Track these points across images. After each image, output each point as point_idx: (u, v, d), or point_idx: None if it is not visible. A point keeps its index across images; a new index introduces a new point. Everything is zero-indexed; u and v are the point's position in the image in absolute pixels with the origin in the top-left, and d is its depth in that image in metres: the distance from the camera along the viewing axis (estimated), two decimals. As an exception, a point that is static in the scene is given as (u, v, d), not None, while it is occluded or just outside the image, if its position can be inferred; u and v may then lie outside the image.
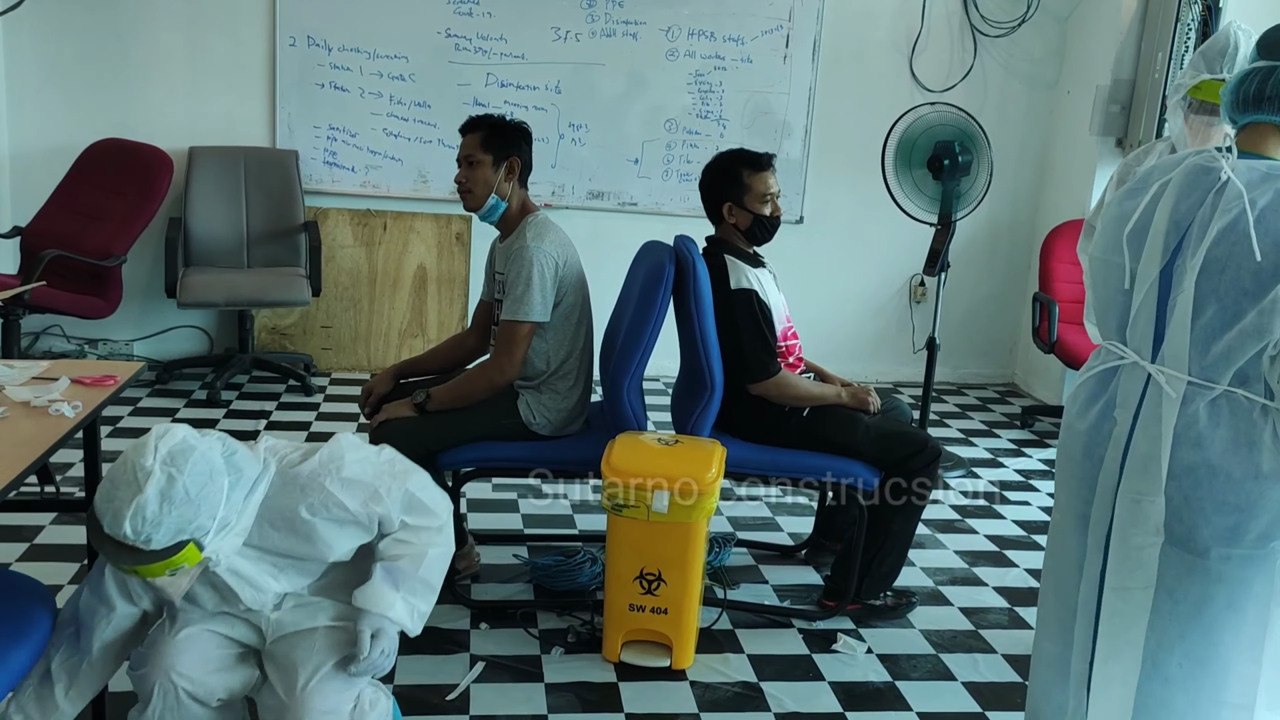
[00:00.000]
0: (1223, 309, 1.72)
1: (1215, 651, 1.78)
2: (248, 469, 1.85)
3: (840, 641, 2.94)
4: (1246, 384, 1.73)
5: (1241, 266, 1.69)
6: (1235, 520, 1.74)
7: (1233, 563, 1.76)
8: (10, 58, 4.90)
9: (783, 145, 5.41)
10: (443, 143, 5.19)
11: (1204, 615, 1.78)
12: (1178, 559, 1.80)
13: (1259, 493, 1.73)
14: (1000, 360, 5.92)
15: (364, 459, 2.01)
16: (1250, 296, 1.69)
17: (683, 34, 5.28)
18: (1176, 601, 1.80)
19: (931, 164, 3.96)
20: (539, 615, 2.99)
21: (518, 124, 3.04)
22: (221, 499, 1.76)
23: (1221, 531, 1.75)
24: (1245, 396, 1.74)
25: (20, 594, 1.96)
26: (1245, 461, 1.74)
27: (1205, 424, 1.76)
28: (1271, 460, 1.73)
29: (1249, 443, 1.74)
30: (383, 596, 1.97)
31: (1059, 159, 5.59)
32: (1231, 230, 1.71)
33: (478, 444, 2.93)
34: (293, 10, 5.04)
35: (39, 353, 4.92)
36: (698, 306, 2.89)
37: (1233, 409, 1.75)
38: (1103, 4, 5.20)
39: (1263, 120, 1.79)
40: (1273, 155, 1.79)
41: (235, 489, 1.80)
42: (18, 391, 2.17)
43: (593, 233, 4.74)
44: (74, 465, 3.74)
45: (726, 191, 3.06)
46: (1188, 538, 1.78)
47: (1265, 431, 1.74)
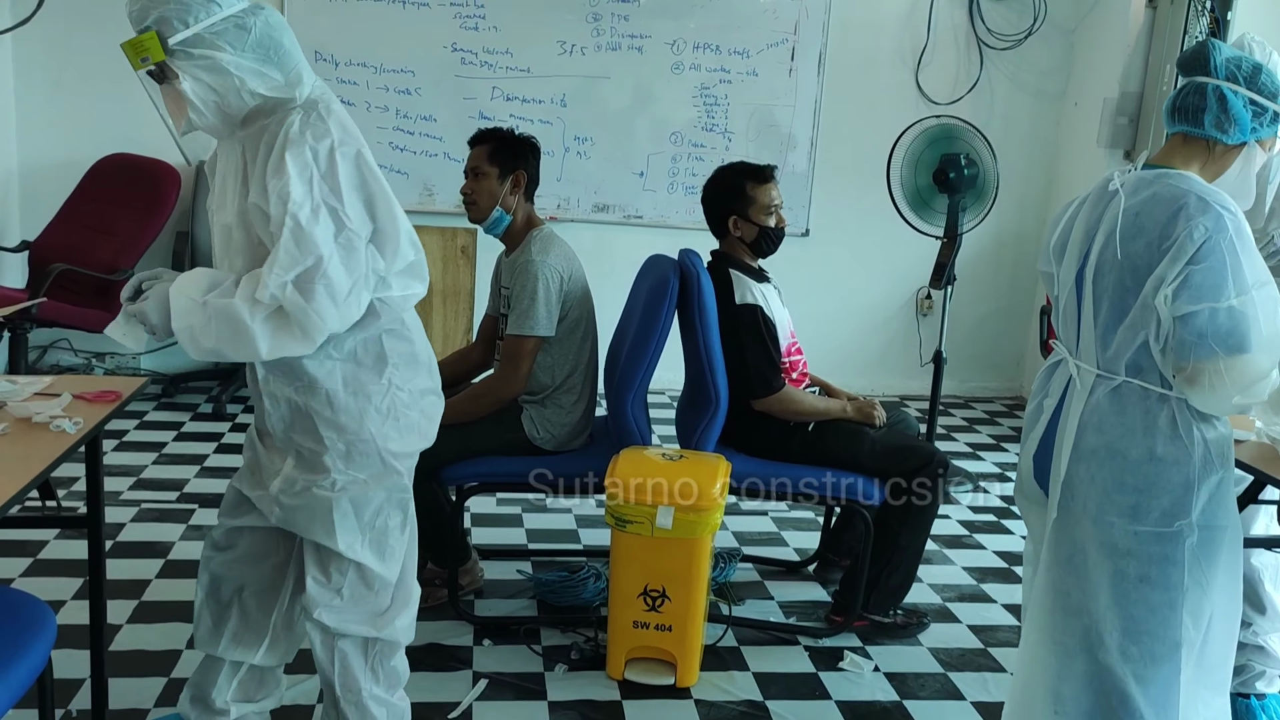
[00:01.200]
0: (1112, 306, 1.90)
1: (1138, 624, 1.91)
2: (256, 28, 1.89)
3: (847, 659, 2.92)
4: (1141, 374, 1.89)
5: (1121, 267, 1.87)
6: (1135, 499, 1.89)
7: (1142, 539, 1.89)
8: (20, 73, 4.92)
9: (788, 158, 5.41)
10: (448, 156, 5.20)
11: (1120, 588, 1.92)
12: (1093, 534, 1.94)
13: (1155, 474, 1.87)
14: (1007, 374, 5.90)
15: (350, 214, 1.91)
16: (1131, 293, 1.86)
17: (688, 47, 5.28)
18: (1098, 574, 1.95)
19: (938, 177, 3.95)
20: (542, 632, 2.97)
21: (526, 138, 3.04)
22: (204, 15, 1.84)
23: (1125, 509, 1.89)
24: (1141, 385, 1.89)
25: (21, 611, 1.95)
26: (1140, 445, 1.88)
27: (1106, 410, 1.92)
28: (1166, 444, 1.87)
29: (1144, 428, 1.88)
30: (187, 284, 1.93)
31: (1066, 172, 5.57)
32: (1112, 234, 1.90)
33: (481, 459, 2.92)
34: (300, 25, 5.01)
35: (46, 366, 4.92)
36: (702, 320, 2.88)
37: (1130, 397, 1.90)
38: (1110, 16, 5.19)
39: (1177, 130, 1.95)
40: (1175, 164, 1.94)
41: (229, 29, 1.86)
42: (20, 407, 2.17)
43: (597, 246, 4.74)
44: (77, 480, 3.74)
45: (731, 205, 3.06)
46: (1098, 515, 1.93)
47: (1161, 417, 1.88)
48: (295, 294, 1.87)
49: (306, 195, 1.87)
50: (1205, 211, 1.79)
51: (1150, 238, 1.83)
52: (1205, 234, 1.77)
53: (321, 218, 1.88)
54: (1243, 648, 2.61)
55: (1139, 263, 1.85)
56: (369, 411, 2.05)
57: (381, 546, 2.12)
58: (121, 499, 3.71)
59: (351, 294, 1.93)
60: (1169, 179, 1.88)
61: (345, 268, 1.91)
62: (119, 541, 3.36)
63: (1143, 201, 1.87)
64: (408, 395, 2.09)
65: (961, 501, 4.24)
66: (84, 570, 3.01)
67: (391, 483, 2.12)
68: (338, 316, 1.92)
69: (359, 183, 1.94)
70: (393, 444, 2.08)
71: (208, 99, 1.91)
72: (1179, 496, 1.86)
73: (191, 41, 1.86)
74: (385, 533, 2.12)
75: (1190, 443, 1.86)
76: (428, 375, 2.16)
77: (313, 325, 1.91)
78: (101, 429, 2.18)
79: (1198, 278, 1.77)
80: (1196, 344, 1.78)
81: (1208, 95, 1.90)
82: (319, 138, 1.90)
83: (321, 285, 1.88)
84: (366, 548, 2.10)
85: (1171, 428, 1.87)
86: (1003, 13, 5.44)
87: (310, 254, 1.87)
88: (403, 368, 2.09)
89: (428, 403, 2.15)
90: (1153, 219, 1.84)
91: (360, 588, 2.12)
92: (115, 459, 4.10)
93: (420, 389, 2.13)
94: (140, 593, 3.07)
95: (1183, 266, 1.78)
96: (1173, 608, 1.88)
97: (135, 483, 3.89)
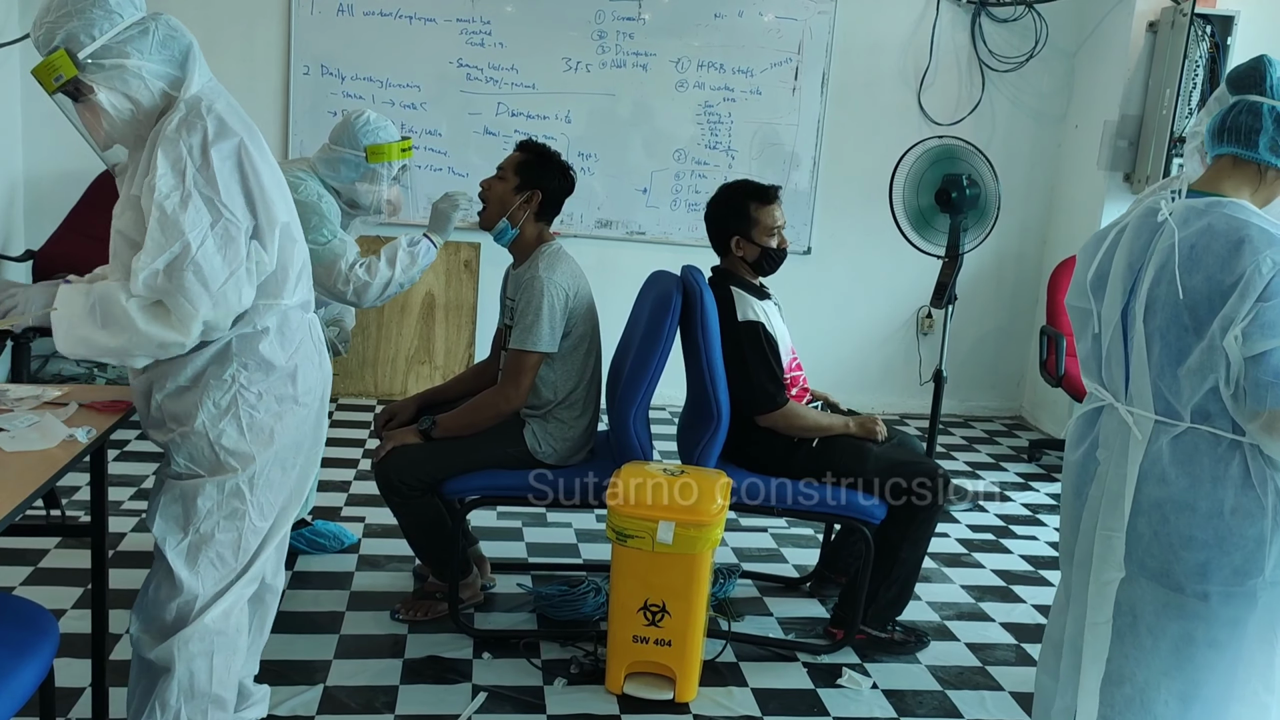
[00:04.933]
0: (1167, 347, 1.76)
1: (1198, 690, 1.79)
2: (158, 30, 1.94)
3: (845, 676, 2.92)
4: (1209, 420, 1.75)
5: (1177, 304, 1.73)
6: (1205, 556, 1.76)
7: (1212, 600, 1.76)
8: (27, 83, 4.95)
9: (791, 176, 5.44)
10: (453, 170, 5.23)
11: (1184, 652, 1.79)
12: (1154, 594, 1.81)
13: (1226, 529, 1.74)
14: (1008, 393, 5.91)
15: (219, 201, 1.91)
16: (1190, 332, 1.72)
17: (692, 65, 5.32)
18: (1157, 639, 1.82)
19: (939, 197, 3.98)
20: (542, 645, 2.98)
21: (561, 163, 3.07)
22: (108, 26, 1.90)
23: (1192, 568, 1.77)
24: (1210, 432, 1.75)
25: (23, 619, 1.95)
26: (1209, 497, 1.75)
27: (1169, 460, 1.78)
28: (1238, 496, 1.74)
29: (1213, 478, 1.75)
30: (72, 296, 1.96)
31: (1067, 193, 5.60)
32: (1165, 270, 1.75)
33: (483, 472, 2.93)
34: (307, 39, 5.10)
35: (49, 375, 4.93)
36: (705, 336, 2.90)
37: (1196, 445, 1.76)
38: (1110, 40, 5.23)
39: (1225, 152, 1.82)
40: (1224, 190, 1.81)
41: (134, 35, 1.92)
42: (29, 416, 2.18)
43: (600, 262, 4.76)
44: (78, 490, 3.75)
45: (733, 225, 3.07)
46: (1163, 574, 1.80)
47: (1232, 466, 1.74)
48: (165, 281, 1.89)
49: (176, 185, 1.90)
50: (1272, 244, 1.66)
51: (1210, 272, 1.69)
52: (1274, 268, 1.64)
53: (192, 206, 1.89)
54: None
55: (1198, 299, 1.70)
56: (205, 404, 2.04)
57: (197, 556, 2.08)
58: (123, 509, 3.72)
59: (229, 283, 1.92)
60: (1223, 208, 1.74)
61: (221, 256, 1.91)
62: (120, 551, 3.36)
63: (1197, 233, 1.73)
64: (254, 396, 2.06)
65: (960, 520, 4.25)
66: (85, 579, 3.03)
67: (227, 484, 2.07)
68: (211, 304, 1.91)
69: (239, 176, 1.95)
70: (228, 440, 2.05)
71: (123, 106, 1.96)
72: (1252, 552, 1.73)
73: (100, 53, 1.92)
74: (208, 543, 2.08)
75: (1264, 494, 1.73)
76: (287, 383, 2.11)
77: (185, 312, 1.90)
78: (107, 438, 2.19)
79: (1271, 314, 1.64)
80: (1273, 385, 1.65)
81: (1263, 116, 1.76)
82: (192, 132, 1.92)
83: (191, 271, 1.89)
84: (182, 548, 2.07)
85: (1244, 477, 1.73)
86: (1004, 35, 5.48)
87: (176, 240, 1.88)
88: (252, 369, 2.06)
89: (285, 410, 2.11)
90: (1211, 253, 1.70)
91: (163, 589, 2.09)
92: (117, 469, 4.10)
93: (275, 394, 2.09)
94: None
95: (1253, 304, 1.65)
96: (1233, 668, 1.77)
97: (136, 492, 3.89)
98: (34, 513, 2.60)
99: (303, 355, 2.14)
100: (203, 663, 2.11)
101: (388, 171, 3.20)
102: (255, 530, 2.13)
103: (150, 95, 1.96)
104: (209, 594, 2.10)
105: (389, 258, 3.09)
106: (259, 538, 2.14)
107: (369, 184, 3.18)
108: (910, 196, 4.03)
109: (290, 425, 2.13)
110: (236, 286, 1.94)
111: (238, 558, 2.12)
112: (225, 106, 2.00)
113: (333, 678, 2.75)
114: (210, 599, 2.10)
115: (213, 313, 1.93)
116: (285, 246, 2.04)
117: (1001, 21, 5.46)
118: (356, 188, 3.18)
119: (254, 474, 2.10)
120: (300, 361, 2.13)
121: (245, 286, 1.96)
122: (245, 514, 2.10)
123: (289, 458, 2.16)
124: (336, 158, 3.15)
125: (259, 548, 2.15)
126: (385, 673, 2.79)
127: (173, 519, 2.08)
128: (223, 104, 2.00)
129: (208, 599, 2.10)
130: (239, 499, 2.09)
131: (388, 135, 3.19)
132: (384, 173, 3.19)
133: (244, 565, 2.13)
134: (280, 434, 2.11)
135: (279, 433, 2.11)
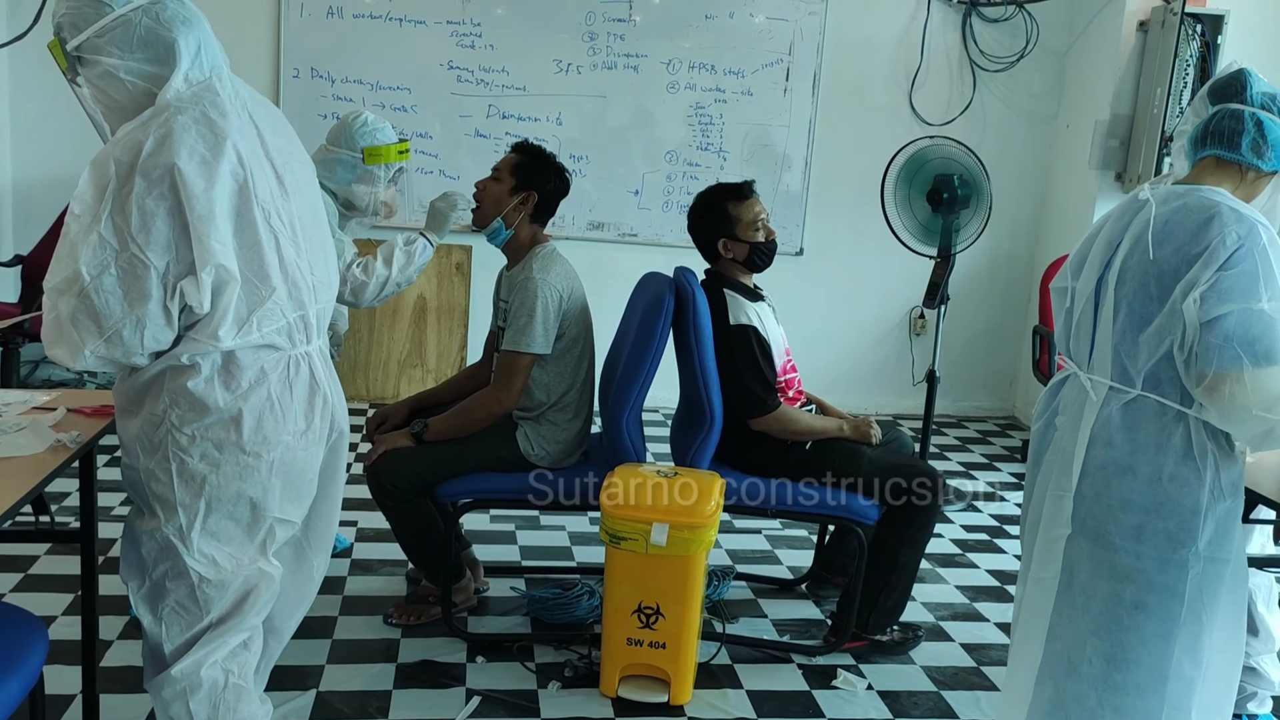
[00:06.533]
0: (1132, 313, 1.86)
1: (1123, 653, 1.86)
2: (142, 25, 1.80)
3: (840, 678, 2.91)
4: (1159, 388, 1.84)
5: (1146, 272, 1.84)
6: (1141, 520, 1.84)
7: (1145, 562, 1.84)
8: (14, 87, 4.93)
9: (783, 177, 5.44)
10: (444, 173, 5.22)
11: (1112, 613, 1.87)
12: (1090, 553, 1.90)
13: (1163, 494, 1.84)
14: (1000, 393, 5.91)
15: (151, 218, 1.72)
16: (1156, 300, 1.82)
17: (683, 67, 5.32)
18: (1089, 597, 1.90)
19: (931, 197, 3.98)
20: (536, 649, 2.96)
21: (557, 166, 3.06)
22: (94, 17, 1.79)
23: (1128, 530, 1.85)
24: (1157, 400, 1.84)
25: (12, 626, 1.94)
26: (1150, 463, 1.84)
27: (1117, 425, 1.88)
28: (1178, 464, 1.82)
29: (1156, 445, 1.84)
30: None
31: (1058, 193, 5.61)
32: (1140, 240, 1.87)
33: (476, 475, 2.92)
34: (296, 42, 5.08)
35: (38, 381, 4.90)
36: (697, 338, 2.89)
37: (1145, 412, 1.86)
38: (1101, 40, 5.24)
39: (1208, 155, 1.93)
40: (1204, 184, 1.91)
41: (117, 31, 1.79)
42: (17, 421, 2.17)
43: (593, 263, 4.73)
44: (68, 495, 3.73)
45: (717, 228, 3.07)
46: (1100, 534, 1.89)
47: (1175, 436, 1.84)
48: (60, 303, 1.75)
49: (89, 207, 1.73)
50: (1239, 220, 1.77)
51: (1180, 243, 1.80)
52: (1238, 241, 1.74)
53: (97, 234, 1.72)
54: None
55: (1165, 268, 1.81)
56: (140, 435, 1.87)
57: (156, 604, 1.93)
58: (113, 514, 3.70)
59: (128, 323, 1.74)
60: (1200, 192, 1.86)
61: (122, 293, 1.73)
62: (110, 557, 3.34)
63: (1173, 210, 1.85)
64: (185, 439, 1.84)
65: (955, 520, 4.25)
66: (75, 585, 3.00)
67: (157, 535, 1.89)
68: (102, 343, 1.74)
69: (168, 206, 1.73)
70: (156, 484, 1.87)
71: (107, 103, 1.86)
72: (1186, 520, 1.82)
73: (85, 47, 1.81)
74: (163, 594, 1.93)
75: (1203, 465, 1.82)
76: (229, 430, 1.87)
77: (70, 341, 1.75)
78: (96, 443, 2.18)
79: (1228, 282, 1.73)
80: (1221, 348, 1.73)
81: (1245, 120, 1.87)
82: (129, 147, 1.75)
83: (80, 304, 1.73)
84: (143, 594, 1.95)
85: (1185, 447, 1.82)
86: (995, 35, 5.49)
87: (69, 267, 1.73)
88: (184, 408, 1.84)
89: (226, 459, 1.88)
90: (1183, 227, 1.81)
91: (141, 628, 1.98)
92: (106, 474, 4.08)
93: (212, 439, 1.86)
94: (131, 608, 3.05)
95: (1214, 272, 1.74)
96: (1166, 639, 1.83)
97: (126, 498, 3.86)
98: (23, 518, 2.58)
99: (260, 400, 1.89)
100: (180, 707, 1.96)
101: (384, 173, 3.19)
102: (213, 583, 1.92)
103: (129, 94, 1.82)
104: (176, 643, 1.94)
105: (385, 257, 3.08)
106: (224, 589, 1.93)
107: (365, 185, 3.17)
108: (902, 197, 4.03)
109: (230, 477, 1.88)
110: (136, 328, 1.75)
111: (202, 608, 1.93)
112: (190, 121, 1.78)
113: (326, 683, 2.73)
114: (179, 649, 1.94)
115: (105, 350, 1.76)
116: (223, 286, 1.79)
117: (992, 21, 5.47)
118: (353, 189, 3.17)
119: (182, 526, 1.88)
120: (253, 407, 1.88)
121: (151, 329, 1.76)
122: (188, 568, 1.90)
123: (238, 511, 1.92)
124: (333, 159, 3.15)
125: (238, 600, 1.95)
126: (379, 677, 2.77)
127: (132, 562, 1.95)
128: (197, 112, 1.79)
129: (176, 648, 1.94)
130: (174, 554, 1.90)
131: (385, 137, 3.18)
132: (380, 174, 3.18)
133: (217, 617, 1.94)
134: (217, 486, 1.88)
135: (215, 484, 1.88)
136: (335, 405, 2.07)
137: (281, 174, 1.92)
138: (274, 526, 1.98)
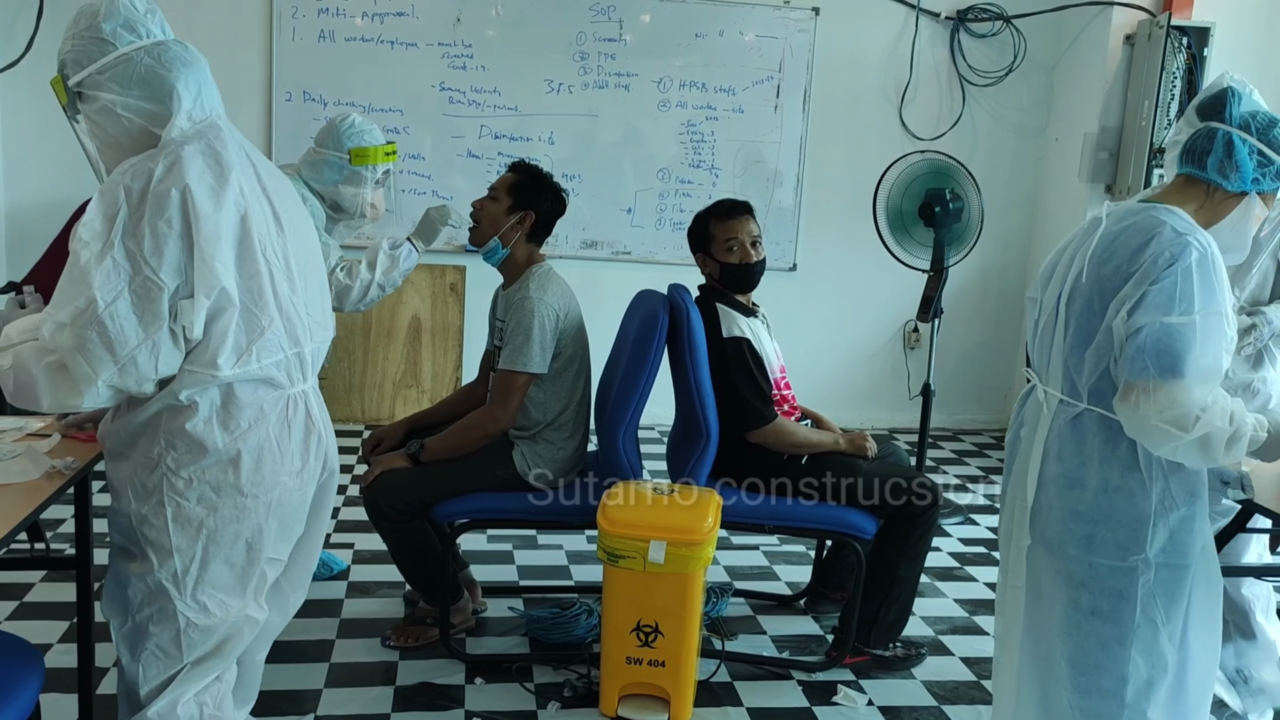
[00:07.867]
0: (1079, 330, 1.90)
1: (1086, 657, 1.91)
2: (143, 64, 1.82)
3: (841, 694, 2.90)
4: (1103, 402, 1.87)
5: (1091, 289, 1.88)
6: (1089, 530, 1.89)
7: (1098, 571, 1.89)
8: (7, 113, 4.93)
9: (775, 194, 5.45)
10: (436, 194, 5.23)
11: (1071, 618, 1.92)
12: (1048, 562, 1.95)
13: (1110, 505, 1.87)
14: (995, 405, 5.92)
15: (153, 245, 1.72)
16: (1098, 316, 1.86)
17: (674, 85, 5.34)
18: (1052, 604, 1.96)
19: (923, 211, 3.99)
20: (535, 669, 2.95)
21: (554, 186, 3.07)
22: (97, 55, 1.81)
23: (1080, 539, 1.90)
24: (1101, 414, 1.88)
25: (8, 654, 1.93)
26: (1097, 475, 1.88)
27: (1067, 438, 1.92)
28: (1123, 475, 1.86)
29: (1101, 457, 1.88)
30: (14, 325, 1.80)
31: (1049, 205, 5.63)
32: (1091, 258, 1.91)
33: (472, 495, 2.91)
34: (288, 66, 5.10)
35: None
36: (692, 355, 2.89)
37: (1090, 425, 1.89)
38: (1088, 53, 5.28)
39: (1183, 172, 1.95)
40: (1169, 202, 1.93)
41: (118, 69, 1.81)
42: (11, 448, 2.16)
43: (586, 282, 4.73)
44: (64, 522, 3.71)
45: (698, 244, 3.13)
46: (1057, 544, 1.94)
47: (1120, 448, 1.86)
48: (67, 338, 1.71)
49: (99, 234, 1.72)
50: (1176, 239, 1.80)
51: (1119, 262, 1.85)
52: (1170, 259, 1.78)
53: (110, 258, 1.70)
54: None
55: (1106, 286, 1.85)
56: (133, 480, 1.85)
57: (136, 646, 1.89)
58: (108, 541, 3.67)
59: (142, 348, 1.73)
60: (1153, 211, 1.88)
61: (136, 316, 1.72)
62: (106, 583, 3.32)
63: (1122, 229, 1.89)
64: (182, 483, 1.82)
65: (952, 534, 4.25)
66: (71, 613, 2.99)
67: (149, 579, 1.86)
68: (115, 370, 1.72)
69: (179, 229, 1.73)
70: (149, 529, 1.84)
71: (98, 139, 1.86)
72: (1134, 530, 1.85)
73: (86, 83, 1.83)
74: (145, 636, 1.89)
75: (1149, 476, 1.84)
76: (226, 471, 1.85)
77: (81, 374, 1.71)
78: (91, 469, 2.17)
79: (1150, 296, 1.77)
80: (1134, 359, 1.77)
81: (1217, 140, 1.89)
82: (139, 175, 1.76)
83: (94, 332, 1.70)
84: (124, 633, 1.91)
85: (1130, 458, 1.85)
86: (983, 50, 5.53)
87: (82, 295, 1.70)
88: (180, 450, 1.82)
89: (223, 502, 1.85)
90: (1126, 246, 1.85)
91: (119, 663, 1.94)
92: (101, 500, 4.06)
93: (210, 482, 1.84)
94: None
95: (1145, 288, 1.79)
96: (1122, 643, 1.87)
97: (122, 523, 3.85)
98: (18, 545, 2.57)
99: (259, 440, 1.87)
100: None
101: (371, 174, 3.19)
102: (200, 628, 1.89)
103: (125, 131, 1.83)
104: (153, 684, 1.90)
105: (369, 261, 3.09)
106: (209, 634, 1.91)
107: (352, 187, 3.17)
108: (894, 211, 4.05)
109: (228, 519, 1.86)
110: (151, 353, 1.74)
111: (183, 652, 1.89)
112: (195, 153, 1.80)
113: (323, 707, 2.72)
114: (155, 689, 1.90)
115: (119, 379, 1.74)
116: (220, 312, 1.79)
117: (980, 37, 5.51)
118: (339, 190, 3.17)
119: (177, 572, 1.85)
120: (252, 448, 1.86)
121: (164, 353, 1.76)
122: (178, 613, 1.87)
123: (234, 554, 1.90)
124: (320, 160, 3.15)
125: (219, 643, 1.93)
126: (377, 701, 2.76)
127: (115, 600, 1.92)
128: (203, 144, 1.82)
129: (152, 689, 1.90)
130: (165, 598, 1.86)
131: (372, 139, 3.19)
132: (367, 175, 3.18)
133: (196, 658, 1.91)
134: (215, 529, 1.86)
135: (212, 528, 1.86)
136: (328, 444, 2.08)
137: (279, 212, 1.94)
138: (265, 568, 1.96)
